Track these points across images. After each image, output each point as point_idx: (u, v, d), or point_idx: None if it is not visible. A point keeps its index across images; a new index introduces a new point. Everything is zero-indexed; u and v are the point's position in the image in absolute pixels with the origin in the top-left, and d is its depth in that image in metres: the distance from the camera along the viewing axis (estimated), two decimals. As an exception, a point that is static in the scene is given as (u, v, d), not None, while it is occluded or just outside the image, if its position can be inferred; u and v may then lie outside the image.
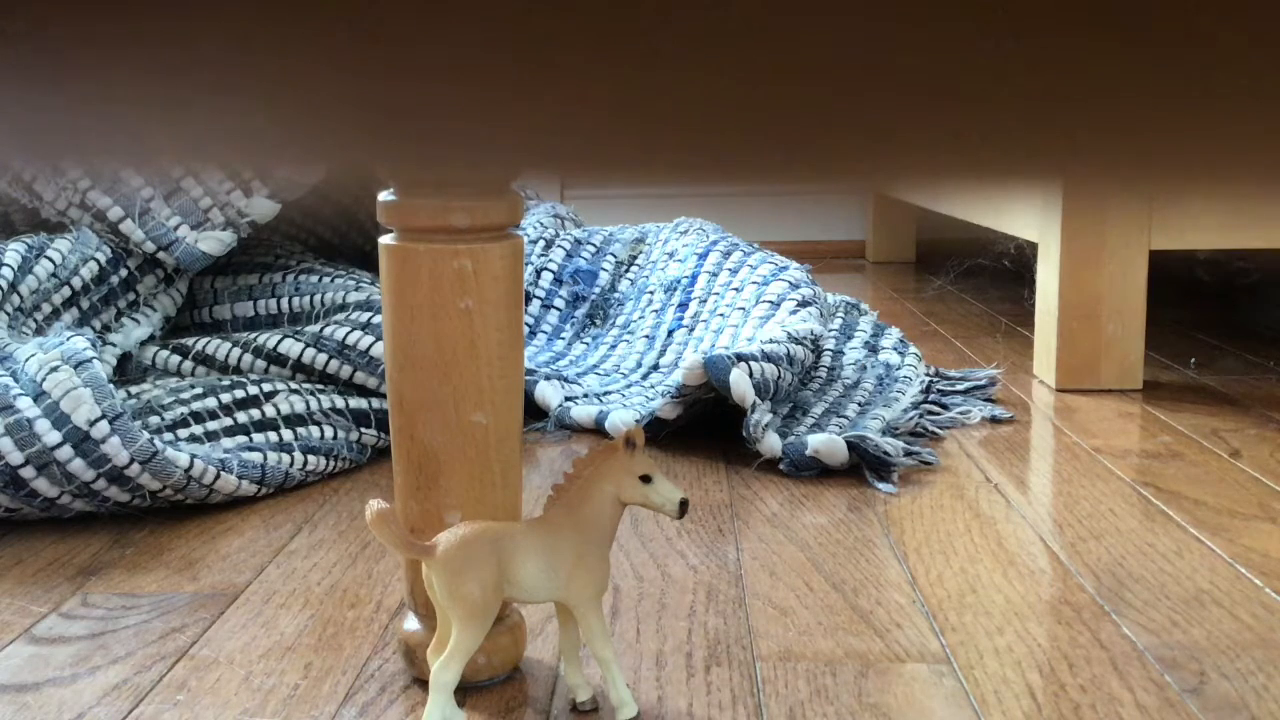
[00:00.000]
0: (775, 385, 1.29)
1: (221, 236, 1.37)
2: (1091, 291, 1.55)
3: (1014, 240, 2.32)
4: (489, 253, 0.73)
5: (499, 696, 0.76)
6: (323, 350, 1.30)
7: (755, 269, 1.64)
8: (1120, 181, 0.18)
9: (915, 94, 0.15)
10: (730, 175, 0.18)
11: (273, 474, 1.14)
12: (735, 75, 0.15)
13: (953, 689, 0.75)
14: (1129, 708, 0.73)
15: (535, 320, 1.75)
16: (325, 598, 0.90)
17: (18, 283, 1.28)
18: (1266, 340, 1.89)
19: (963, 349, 1.85)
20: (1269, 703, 0.73)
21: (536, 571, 0.70)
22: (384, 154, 0.19)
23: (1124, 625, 0.84)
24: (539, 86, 0.15)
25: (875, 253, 3.04)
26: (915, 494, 1.14)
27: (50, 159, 0.18)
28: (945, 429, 1.37)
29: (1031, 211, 1.66)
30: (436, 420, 0.74)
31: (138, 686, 0.76)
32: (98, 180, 1.37)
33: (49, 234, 1.37)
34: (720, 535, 1.03)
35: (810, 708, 0.73)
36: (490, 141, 0.17)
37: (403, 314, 0.74)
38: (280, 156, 0.19)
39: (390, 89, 0.15)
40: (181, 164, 1.07)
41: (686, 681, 0.76)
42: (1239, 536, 1.02)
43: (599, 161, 0.19)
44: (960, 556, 0.98)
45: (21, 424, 1.03)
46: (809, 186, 0.21)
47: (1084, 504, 1.11)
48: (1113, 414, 1.44)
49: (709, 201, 3.11)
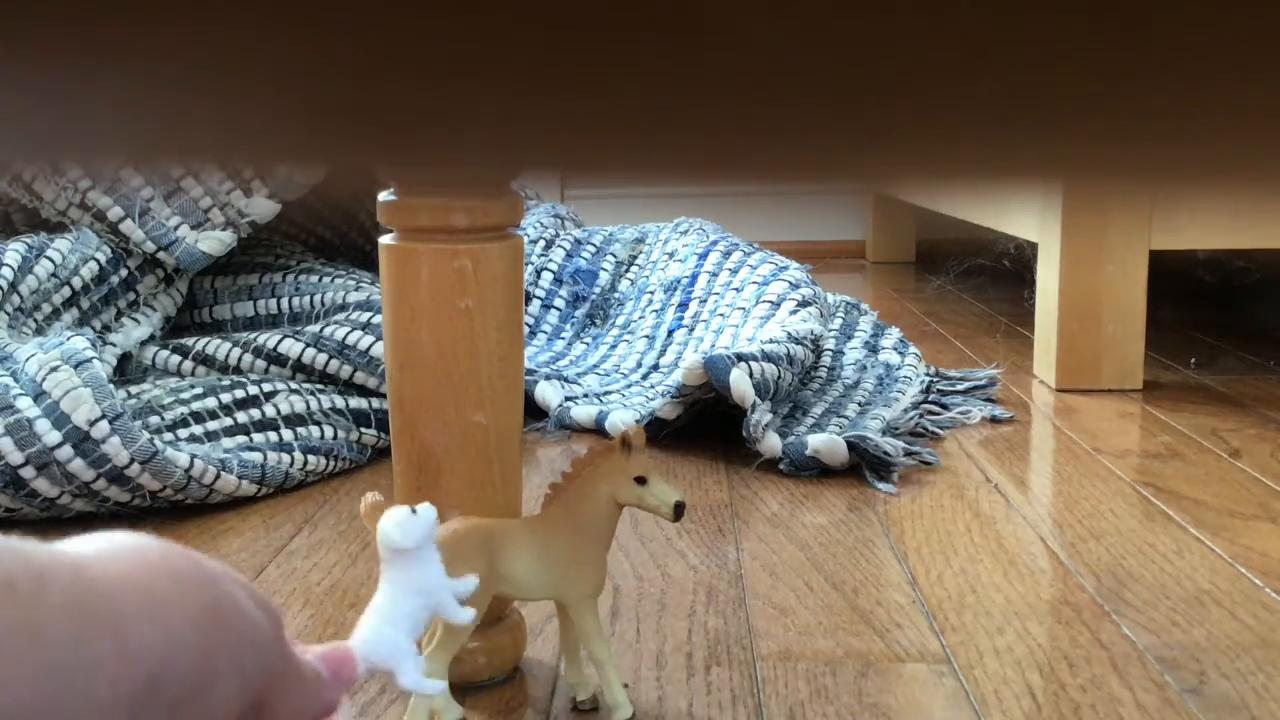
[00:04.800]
0: (775, 385, 1.29)
1: (221, 236, 1.37)
2: (1091, 291, 1.55)
3: (1014, 240, 2.32)
4: (489, 253, 0.73)
5: (499, 696, 0.76)
6: (323, 350, 1.30)
7: (755, 269, 1.64)
8: (1120, 181, 0.18)
9: (915, 94, 0.15)
10: (730, 175, 0.18)
11: (273, 474, 1.14)
12: (735, 75, 0.15)
13: (953, 689, 0.75)
14: (1129, 708, 0.73)
15: (535, 320, 1.75)
16: (325, 597, 0.90)
17: (18, 283, 1.28)
18: (1266, 340, 1.89)
19: (963, 349, 1.85)
20: (1269, 703, 0.73)
21: (529, 568, 0.70)
22: (384, 154, 0.19)
23: (1124, 625, 0.84)
24: (539, 86, 0.15)
25: (875, 253, 3.04)
26: (915, 494, 1.14)
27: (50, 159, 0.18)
28: (945, 429, 1.37)
29: (1031, 211, 1.66)
30: (436, 420, 0.74)
31: (138, 686, 0.76)
32: (98, 180, 1.37)
33: (49, 234, 1.37)
34: (720, 535, 1.03)
35: (810, 708, 0.73)
36: (490, 141, 0.17)
37: (403, 314, 0.74)
38: (280, 156, 0.19)
39: (390, 89, 0.15)
40: (181, 164, 1.07)
41: (686, 681, 0.76)
42: (1239, 536, 1.02)
43: (599, 161, 0.19)
44: (960, 556, 0.98)
45: (22, 424, 1.03)
46: (809, 186, 0.21)
47: (1084, 504, 1.11)
48: (1113, 414, 1.44)
49: (709, 201, 3.11)
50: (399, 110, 0.16)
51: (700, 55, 0.15)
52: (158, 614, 0.33)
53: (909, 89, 0.15)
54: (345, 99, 0.16)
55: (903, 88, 0.15)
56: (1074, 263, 1.54)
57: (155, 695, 0.32)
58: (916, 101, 0.16)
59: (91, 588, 0.31)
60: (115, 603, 0.32)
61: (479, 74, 0.15)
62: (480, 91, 0.15)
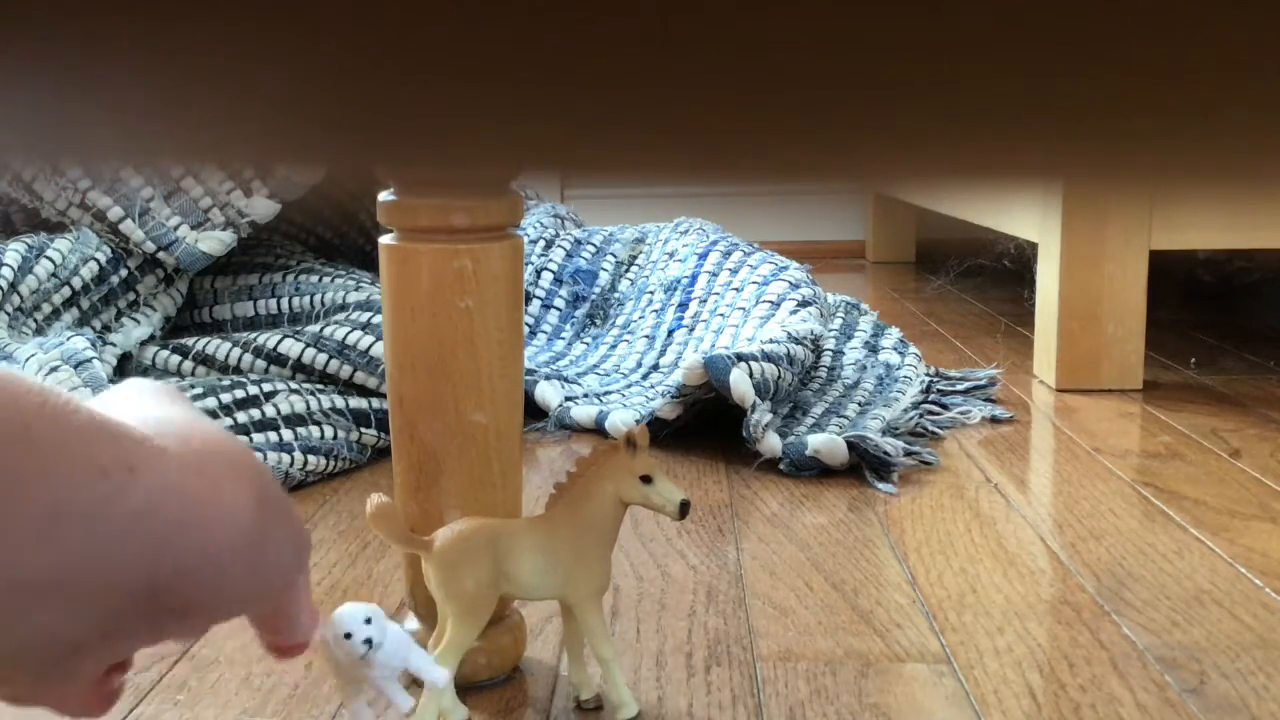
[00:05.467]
0: (775, 385, 1.29)
1: (221, 236, 1.37)
2: (1091, 291, 1.55)
3: (1014, 240, 2.32)
4: (489, 253, 0.73)
5: (499, 696, 0.76)
6: (323, 350, 1.30)
7: (755, 269, 1.64)
8: (1120, 181, 0.18)
9: (915, 94, 0.15)
10: (730, 175, 0.18)
11: (273, 474, 1.14)
12: (735, 74, 0.15)
13: (953, 689, 0.75)
14: (1129, 708, 0.73)
15: (535, 320, 1.75)
16: (325, 598, 0.90)
17: (18, 283, 1.28)
18: (1266, 340, 1.89)
19: (963, 349, 1.85)
20: (1269, 703, 0.73)
21: (534, 568, 0.70)
22: (384, 154, 0.19)
23: (1124, 625, 0.84)
24: (539, 86, 0.15)
25: (875, 253, 3.04)
26: (915, 494, 1.14)
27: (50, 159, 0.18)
28: (945, 429, 1.37)
29: (1031, 211, 1.66)
30: (436, 420, 0.74)
31: (138, 686, 0.76)
32: (98, 180, 1.37)
33: (49, 234, 1.37)
34: (720, 535, 1.03)
35: (810, 708, 0.73)
36: (490, 141, 0.17)
37: (403, 314, 0.74)
38: (280, 156, 0.19)
39: (390, 88, 0.15)
40: (181, 164, 1.07)
41: (686, 681, 0.76)
42: (1239, 536, 1.02)
43: (599, 161, 0.19)
44: (960, 556, 0.98)
45: (21, 424, 1.03)
46: (809, 186, 0.21)
47: (1084, 504, 1.11)
48: (1113, 414, 1.44)
49: (709, 201, 3.11)
50: (399, 110, 0.16)
51: (700, 55, 0.15)
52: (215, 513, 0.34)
53: (909, 89, 0.15)
54: (345, 99, 0.16)
55: (903, 88, 0.15)
56: (1074, 263, 1.54)
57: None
58: (916, 101, 0.16)
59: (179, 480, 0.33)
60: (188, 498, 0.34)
61: (479, 73, 0.15)
62: (480, 91, 0.15)
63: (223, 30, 0.15)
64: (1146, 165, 0.17)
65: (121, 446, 0.32)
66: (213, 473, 0.35)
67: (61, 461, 0.30)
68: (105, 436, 0.32)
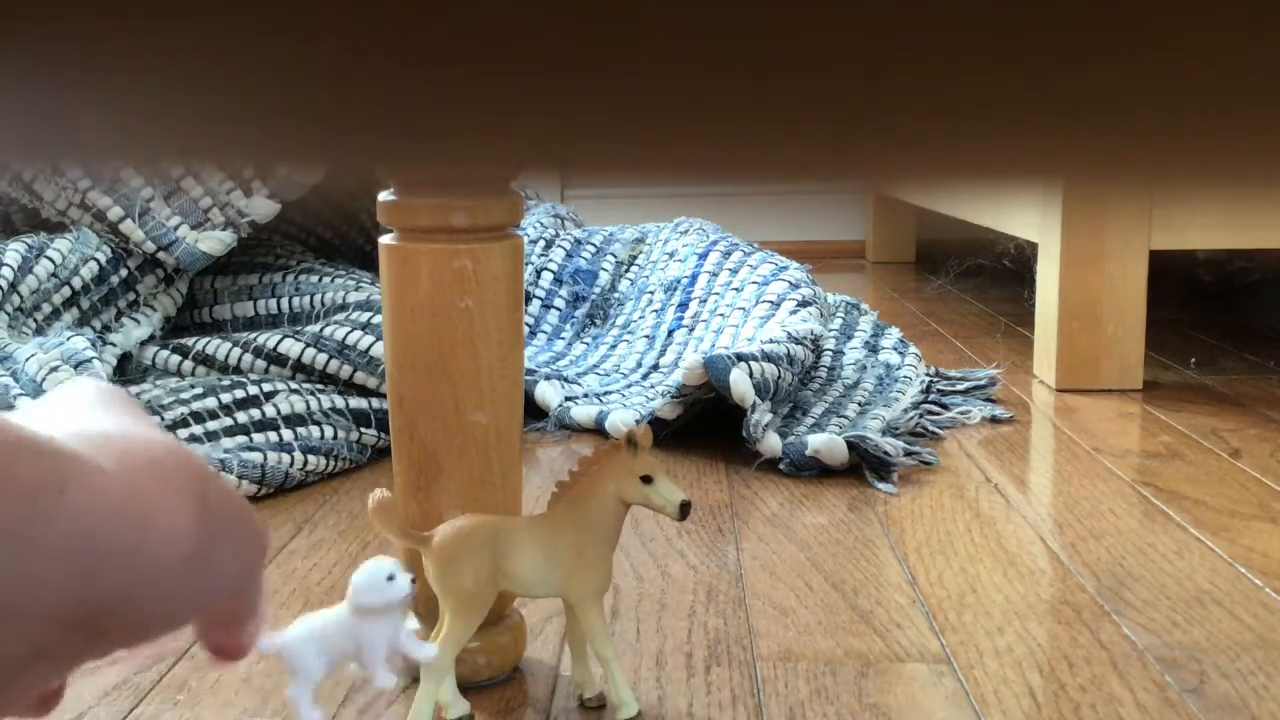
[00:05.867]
0: (775, 385, 1.29)
1: (221, 236, 1.37)
2: (1091, 291, 1.55)
3: (1014, 240, 2.32)
4: (489, 253, 0.73)
5: (499, 696, 0.76)
6: (323, 350, 1.30)
7: (755, 269, 1.64)
8: (1120, 181, 0.18)
9: (915, 93, 0.16)
10: (730, 175, 0.18)
11: (273, 474, 1.14)
12: (735, 74, 0.15)
13: (953, 689, 0.75)
14: (1129, 708, 0.73)
15: (535, 320, 1.75)
16: (325, 598, 0.90)
17: (18, 283, 1.28)
18: (1266, 340, 1.89)
19: (963, 349, 1.85)
20: (1269, 703, 0.73)
21: (534, 566, 0.70)
22: (384, 153, 0.19)
23: (1124, 625, 0.84)
24: (539, 85, 0.15)
25: (875, 253, 3.04)
26: (915, 494, 1.14)
27: (50, 159, 0.18)
28: (945, 429, 1.37)
29: (1031, 211, 1.66)
30: (436, 420, 0.74)
31: (138, 686, 0.76)
32: (98, 180, 1.37)
33: (49, 234, 1.37)
34: (720, 535, 1.03)
35: (810, 708, 0.73)
36: (490, 140, 0.17)
37: (403, 314, 0.74)
38: (280, 156, 0.19)
39: (390, 88, 0.15)
40: (181, 164, 1.07)
41: (686, 681, 0.76)
42: (1239, 536, 1.02)
43: (599, 161, 0.19)
44: (960, 556, 0.98)
45: (21, 424, 1.03)
46: (809, 186, 0.21)
47: (1084, 504, 1.11)
48: (1113, 414, 1.44)
49: (709, 201, 3.11)
50: (399, 110, 0.16)
51: (700, 56, 0.15)
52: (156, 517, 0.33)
53: (909, 89, 0.15)
54: (345, 99, 0.16)
55: (903, 87, 0.15)
56: (1074, 263, 1.54)
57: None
58: (917, 101, 0.16)
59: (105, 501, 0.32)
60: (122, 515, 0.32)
61: (478, 73, 0.15)
62: (480, 91, 0.15)
63: (222, 30, 0.15)
64: (1146, 164, 0.17)
65: (52, 465, 0.31)
66: (152, 490, 0.33)
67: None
68: (34, 455, 0.30)
